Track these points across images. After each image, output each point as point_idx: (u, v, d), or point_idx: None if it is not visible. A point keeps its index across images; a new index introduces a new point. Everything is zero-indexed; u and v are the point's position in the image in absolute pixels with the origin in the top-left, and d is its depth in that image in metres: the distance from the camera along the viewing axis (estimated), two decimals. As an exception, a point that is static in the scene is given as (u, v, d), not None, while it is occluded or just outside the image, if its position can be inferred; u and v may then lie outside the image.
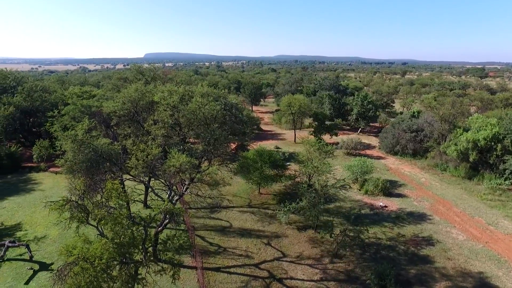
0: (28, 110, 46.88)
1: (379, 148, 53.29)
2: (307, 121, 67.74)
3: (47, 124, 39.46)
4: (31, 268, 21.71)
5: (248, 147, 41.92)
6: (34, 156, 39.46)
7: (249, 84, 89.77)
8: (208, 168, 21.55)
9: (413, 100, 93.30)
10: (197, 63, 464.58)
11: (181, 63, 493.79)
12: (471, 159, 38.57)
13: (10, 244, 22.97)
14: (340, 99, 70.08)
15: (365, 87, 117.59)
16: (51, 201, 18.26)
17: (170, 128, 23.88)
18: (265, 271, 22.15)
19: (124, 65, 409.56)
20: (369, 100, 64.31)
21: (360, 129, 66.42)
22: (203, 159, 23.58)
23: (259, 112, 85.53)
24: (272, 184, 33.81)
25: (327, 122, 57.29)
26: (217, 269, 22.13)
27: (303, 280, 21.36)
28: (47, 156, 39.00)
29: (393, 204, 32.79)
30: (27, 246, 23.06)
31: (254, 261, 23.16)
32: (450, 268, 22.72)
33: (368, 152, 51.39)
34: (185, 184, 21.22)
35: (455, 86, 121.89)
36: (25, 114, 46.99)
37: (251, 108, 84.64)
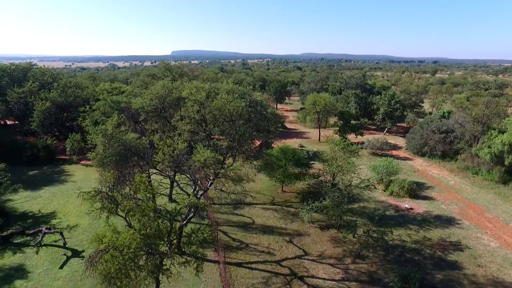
0: (63, 105, 49.25)
1: (406, 149, 51.73)
2: (332, 120, 66.87)
3: (79, 118, 41.21)
4: (65, 254, 23.01)
5: (272, 145, 41.96)
6: (67, 149, 41.37)
7: (274, 82, 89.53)
8: (232, 164, 21.80)
9: (444, 100, 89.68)
10: (222, 61, 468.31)
11: (207, 61, 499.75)
12: (506, 163, 36.63)
13: (46, 231, 24.50)
14: (367, 98, 68.59)
15: (392, 86, 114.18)
16: (83, 192, 19.22)
17: (196, 124, 24.33)
18: (286, 268, 22.23)
19: (151, 62, 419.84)
20: (397, 99, 62.53)
21: (386, 129, 64.73)
22: (228, 156, 23.90)
23: (283, 110, 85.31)
24: (296, 182, 33.73)
25: (353, 121, 56.31)
26: (239, 264, 22.44)
27: (324, 279, 21.25)
28: (79, 149, 40.77)
29: (419, 207, 31.81)
30: (61, 234, 24.47)
31: (275, 258, 23.29)
32: (481, 276, 21.80)
33: (394, 152, 50.03)
34: (210, 179, 21.60)
35: (491, 85, 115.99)
36: (60, 109, 49.43)
37: (275, 106, 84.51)
